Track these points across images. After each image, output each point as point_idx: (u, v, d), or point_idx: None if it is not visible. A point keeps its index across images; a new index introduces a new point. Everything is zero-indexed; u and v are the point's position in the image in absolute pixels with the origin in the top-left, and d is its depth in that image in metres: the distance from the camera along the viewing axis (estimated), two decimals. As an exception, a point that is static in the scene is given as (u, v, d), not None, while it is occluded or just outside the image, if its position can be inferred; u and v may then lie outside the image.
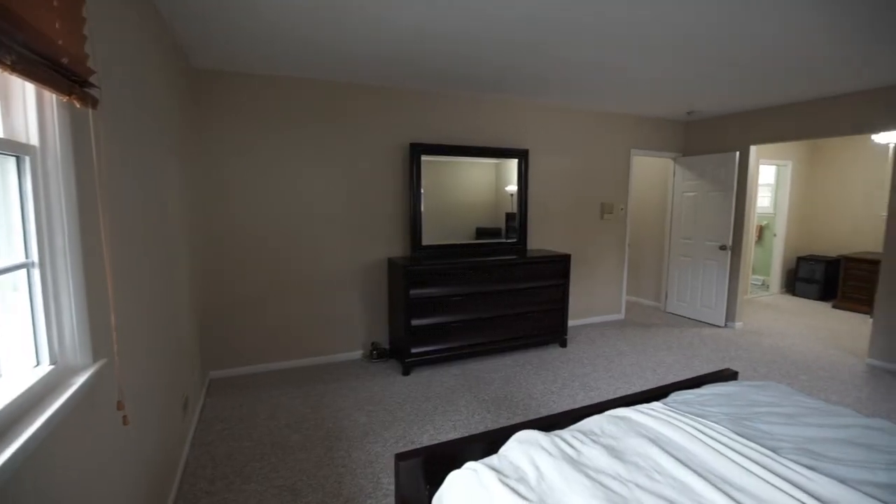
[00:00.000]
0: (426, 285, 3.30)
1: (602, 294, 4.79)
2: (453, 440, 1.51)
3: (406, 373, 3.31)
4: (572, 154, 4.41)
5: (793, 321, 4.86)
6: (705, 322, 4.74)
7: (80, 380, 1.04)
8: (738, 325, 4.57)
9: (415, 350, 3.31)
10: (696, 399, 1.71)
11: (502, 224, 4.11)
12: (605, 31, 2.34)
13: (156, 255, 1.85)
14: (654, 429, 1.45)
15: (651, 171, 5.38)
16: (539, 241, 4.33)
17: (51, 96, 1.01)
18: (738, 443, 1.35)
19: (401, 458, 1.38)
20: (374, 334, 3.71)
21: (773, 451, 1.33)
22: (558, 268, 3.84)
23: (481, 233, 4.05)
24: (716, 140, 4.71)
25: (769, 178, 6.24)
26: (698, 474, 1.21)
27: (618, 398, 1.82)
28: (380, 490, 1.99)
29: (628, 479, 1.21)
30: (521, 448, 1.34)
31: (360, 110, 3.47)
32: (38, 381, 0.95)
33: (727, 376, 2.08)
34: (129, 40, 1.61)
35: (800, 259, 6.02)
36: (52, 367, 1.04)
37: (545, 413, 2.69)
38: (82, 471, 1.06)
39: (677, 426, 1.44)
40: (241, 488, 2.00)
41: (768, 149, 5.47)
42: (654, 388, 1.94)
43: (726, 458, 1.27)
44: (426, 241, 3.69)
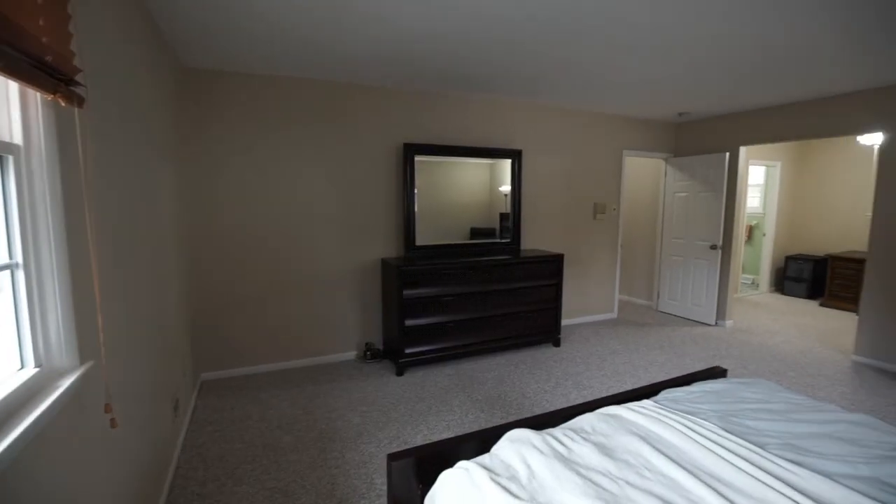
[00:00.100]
0: (420, 285, 3.30)
1: (595, 293, 4.82)
2: (445, 440, 1.51)
3: (400, 373, 3.31)
4: (565, 154, 4.43)
5: (781, 319, 4.92)
6: (696, 321, 4.79)
7: (67, 382, 1.02)
8: (729, 323, 4.62)
9: (409, 350, 3.31)
10: (686, 397, 1.73)
11: (496, 224, 4.12)
12: (602, 32, 2.35)
13: (145, 256, 1.83)
14: (645, 426, 1.46)
15: (643, 172, 5.42)
16: (533, 240, 4.35)
17: (35, 94, 1.00)
18: (726, 439, 1.37)
19: (393, 458, 1.38)
20: (368, 335, 3.70)
21: (760, 446, 1.35)
22: (552, 267, 3.86)
23: (476, 233, 4.05)
24: (706, 141, 4.76)
25: (759, 179, 6.33)
26: (687, 471, 1.22)
27: (609, 396, 1.84)
28: (373, 491, 1.98)
29: (618, 476, 1.22)
30: (512, 447, 1.34)
31: (354, 110, 3.46)
32: (23, 385, 0.93)
33: (716, 374, 2.11)
34: (118, 39, 1.59)
35: (788, 258, 6.10)
36: (38, 369, 1.02)
37: (539, 412, 2.70)
38: (69, 475, 1.05)
39: (667, 423, 1.45)
40: (232, 490, 1.99)
41: (758, 150, 5.55)
42: (644, 386, 1.95)
43: (715, 454, 1.29)
44: (420, 242, 3.69)
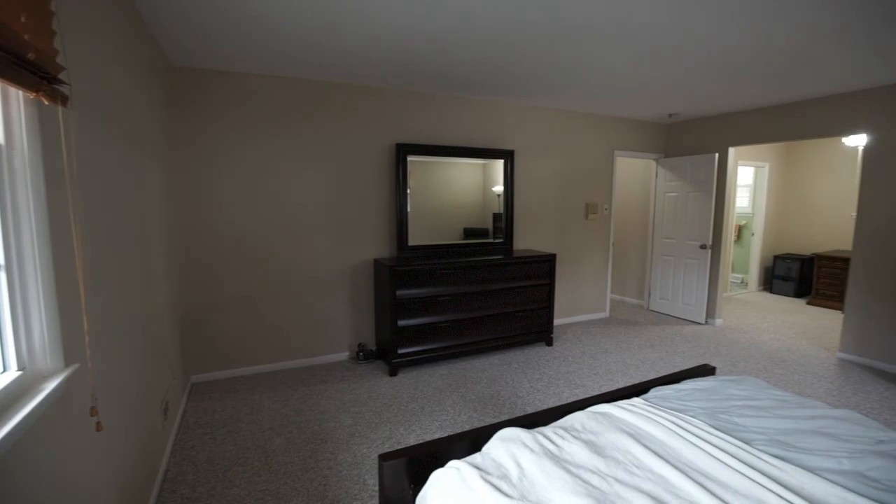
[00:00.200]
0: (412, 286, 3.30)
1: (587, 293, 4.86)
2: (437, 439, 1.51)
3: (393, 373, 3.30)
4: (557, 155, 4.46)
5: (770, 318, 5.00)
6: (687, 319, 4.84)
7: (51, 386, 1.01)
8: (719, 321, 4.68)
9: (402, 351, 3.30)
10: (675, 394, 1.75)
11: (490, 224, 4.13)
12: (593, 34, 2.37)
13: (133, 257, 1.81)
14: (634, 424, 1.48)
15: (634, 172, 5.47)
16: (525, 241, 4.37)
17: (17, 92, 0.98)
18: (713, 436, 1.39)
19: (384, 458, 1.37)
20: (361, 335, 3.69)
21: (747, 442, 1.37)
22: (544, 267, 3.88)
23: (469, 233, 4.06)
24: (696, 142, 4.82)
25: (748, 180, 6.42)
26: (675, 467, 1.23)
27: (600, 395, 1.85)
28: (365, 491, 1.98)
29: (608, 473, 1.23)
30: (503, 445, 1.35)
31: (346, 110, 3.45)
32: (4, 388, 0.92)
33: (705, 372, 2.13)
34: (104, 36, 1.57)
35: (776, 257, 6.20)
36: (20, 372, 1.00)
37: (531, 411, 2.71)
38: (53, 479, 1.03)
39: (656, 421, 1.47)
40: (223, 493, 1.97)
41: (747, 151, 5.63)
42: (635, 384, 1.97)
43: (702, 450, 1.31)
44: (413, 242, 3.69)
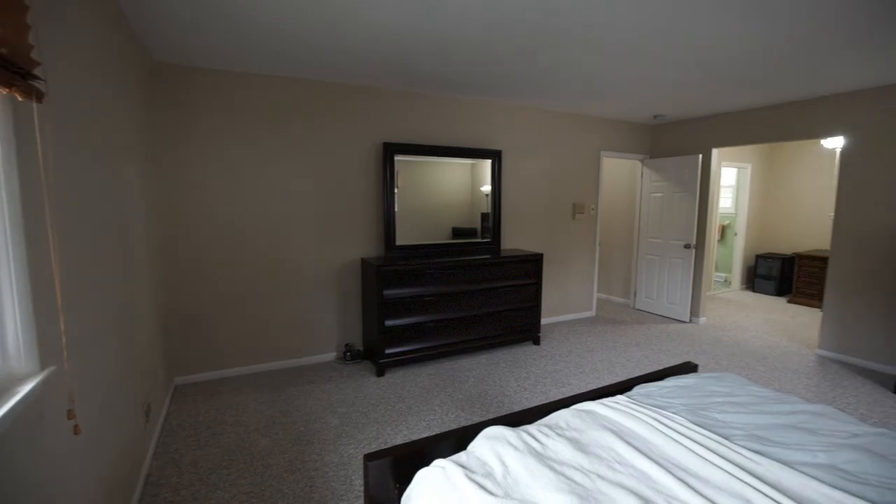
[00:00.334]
0: (400, 285, 3.29)
1: (574, 292, 4.91)
2: (423, 438, 1.51)
3: (380, 374, 3.29)
4: (545, 155, 4.50)
5: (752, 316, 5.11)
6: (671, 318, 4.92)
7: (25, 389, 0.98)
8: (702, 320, 4.77)
9: (389, 351, 3.30)
10: (658, 391, 1.78)
11: (478, 224, 4.14)
12: (580, 36, 2.40)
13: (112, 257, 1.77)
14: (617, 421, 1.50)
15: (620, 173, 5.54)
16: (513, 240, 4.39)
17: (-11, 89, 0.95)
18: (694, 431, 1.42)
19: (370, 458, 1.37)
20: (348, 335, 3.67)
21: (726, 438, 1.40)
22: (531, 267, 3.91)
23: (457, 233, 4.07)
24: (680, 143, 4.90)
25: (731, 180, 6.55)
26: (656, 463, 1.26)
27: (585, 392, 1.87)
28: (352, 492, 1.97)
29: (591, 470, 1.24)
30: (488, 444, 1.36)
31: (333, 109, 3.43)
32: (-23, 391, 0.90)
33: (688, 369, 2.18)
34: (81, 30, 1.53)
35: (758, 257, 6.34)
36: (-7, 375, 0.98)
37: (518, 410, 2.73)
38: (30, 484, 1.01)
39: (639, 418, 1.50)
40: (207, 496, 1.94)
41: (730, 152, 5.75)
42: (619, 382, 2.00)
43: (683, 446, 1.33)
44: (401, 242, 3.68)
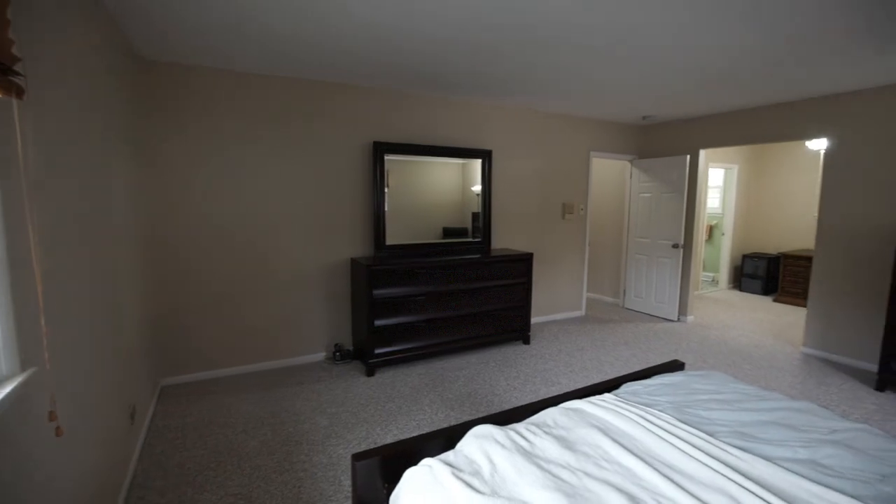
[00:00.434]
0: (390, 285, 3.29)
1: (564, 291, 4.94)
2: (411, 438, 1.51)
3: (370, 374, 3.28)
4: (534, 155, 4.52)
5: (738, 314, 5.19)
6: (660, 317, 4.98)
7: (5, 391, 0.96)
8: (690, 319, 4.84)
9: (378, 350, 3.29)
10: (644, 389, 1.80)
11: (469, 224, 4.15)
12: (569, 38, 2.41)
13: (96, 258, 1.74)
14: (604, 419, 1.51)
15: (610, 173, 5.60)
16: (503, 240, 4.41)
17: (-35, 84, 0.93)
18: (679, 429, 1.44)
19: (357, 458, 1.37)
20: (338, 335, 3.66)
21: (711, 434, 1.42)
22: (522, 267, 3.93)
23: (448, 232, 4.07)
24: (669, 144, 4.96)
25: (718, 181, 6.65)
26: (642, 460, 1.27)
27: (573, 391, 1.89)
28: (341, 492, 1.96)
29: (577, 467, 1.26)
30: (476, 442, 1.36)
31: (323, 108, 3.41)
32: (-48, 393, 0.88)
33: (675, 367, 2.20)
34: (63, 25, 1.50)
35: (745, 256, 6.44)
36: (-30, 377, 0.96)
37: (508, 408, 2.74)
38: (11, 487, 0.99)
39: (625, 415, 1.51)
40: (194, 499, 1.92)
41: (717, 153, 5.83)
42: (607, 380, 2.02)
43: (668, 443, 1.35)
44: (391, 241, 3.67)
